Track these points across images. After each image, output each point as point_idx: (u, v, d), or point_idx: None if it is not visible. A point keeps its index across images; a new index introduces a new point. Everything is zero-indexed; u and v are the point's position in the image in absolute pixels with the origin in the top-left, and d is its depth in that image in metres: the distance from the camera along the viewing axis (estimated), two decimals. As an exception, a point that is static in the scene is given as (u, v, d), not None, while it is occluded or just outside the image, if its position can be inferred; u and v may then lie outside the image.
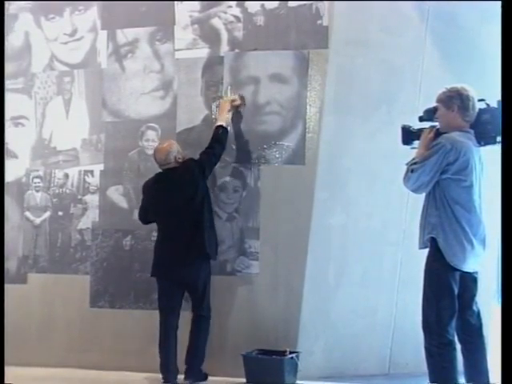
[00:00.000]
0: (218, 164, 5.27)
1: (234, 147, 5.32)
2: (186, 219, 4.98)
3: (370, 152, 5.20)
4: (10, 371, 5.20)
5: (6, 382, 4.39)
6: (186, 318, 5.12)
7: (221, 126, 5.16)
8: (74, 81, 5.80)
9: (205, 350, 5.05)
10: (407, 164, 4.08)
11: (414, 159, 4.07)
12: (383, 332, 5.35)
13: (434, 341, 3.96)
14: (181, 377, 5.03)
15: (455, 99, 4.01)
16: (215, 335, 5.16)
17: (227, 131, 5.19)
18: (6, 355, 5.38)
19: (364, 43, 5.19)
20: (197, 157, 5.20)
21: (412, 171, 4.00)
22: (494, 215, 4.19)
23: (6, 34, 5.92)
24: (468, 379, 4.03)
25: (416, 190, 4.07)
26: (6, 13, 5.91)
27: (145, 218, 5.25)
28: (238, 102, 5.26)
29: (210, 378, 5.11)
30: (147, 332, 5.44)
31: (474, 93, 4.02)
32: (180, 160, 5.10)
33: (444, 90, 4.06)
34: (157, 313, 5.38)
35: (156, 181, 5.16)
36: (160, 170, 5.20)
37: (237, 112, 5.28)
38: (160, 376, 5.02)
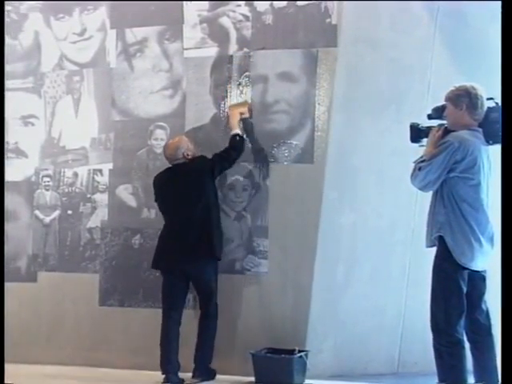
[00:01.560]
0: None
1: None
2: (193, 216, 5.00)
3: (379, 150, 5.20)
4: (18, 369, 5.24)
5: (13, 380, 4.41)
6: (189, 315, 5.14)
7: (237, 134, 5.16)
8: (84, 80, 5.81)
9: (212, 349, 5.06)
10: (415, 162, 4.08)
11: (422, 157, 4.07)
12: (392, 331, 5.34)
13: (443, 340, 3.95)
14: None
15: (464, 98, 4.00)
16: (224, 334, 5.17)
17: (244, 139, 5.18)
18: (15, 353, 5.43)
19: (373, 42, 5.18)
20: (207, 155, 5.22)
21: (419, 169, 3.99)
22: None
23: (16, 33, 5.95)
24: (477, 378, 4.02)
25: (423, 188, 4.06)
26: (16, 12, 5.96)
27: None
28: (246, 115, 5.24)
29: (219, 376, 5.12)
30: (156, 330, 5.44)
31: (482, 91, 4.01)
32: (189, 156, 5.12)
33: (453, 88, 4.05)
34: (165, 311, 5.41)
35: (165, 176, 5.20)
36: (170, 166, 5.23)
37: (245, 119, 5.27)
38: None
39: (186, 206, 5.03)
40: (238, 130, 5.18)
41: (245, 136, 5.22)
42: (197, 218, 5.00)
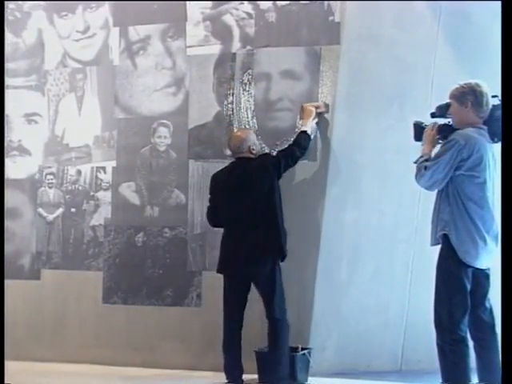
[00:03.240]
0: (230, 160, 5.28)
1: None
2: (261, 215, 4.75)
3: (382, 148, 5.20)
4: (22, 367, 5.26)
5: (16, 378, 4.42)
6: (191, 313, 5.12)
7: (305, 132, 5.01)
8: (87, 78, 5.82)
9: (284, 356, 4.77)
10: (415, 162, 4.09)
11: (421, 157, 4.08)
12: (395, 328, 5.35)
13: (447, 337, 3.95)
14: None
15: (469, 95, 4.00)
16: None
17: (310, 138, 5.03)
18: (19, 351, 5.45)
19: (376, 40, 5.18)
20: (208, 153, 5.23)
21: (425, 168, 3.99)
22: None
23: (19, 31, 5.96)
24: (480, 376, 4.02)
25: (430, 188, 4.05)
26: (20, 10, 5.96)
27: (214, 217, 4.99)
28: (322, 109, 5.10)
29: (223, 373, 5.10)
30: (159, 328, 5.47)
31: (487, 89, 4.01)
32: (254, 151, 4.91)
33: (457, 86, 4.05)
34: (169, 309, 5.44)
35: (230, 170, 4.94)
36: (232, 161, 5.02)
37: (321, 118, 5.13)
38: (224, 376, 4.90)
39: (254, 204, 4.77)
40: (307, 128, 5.02)
41: (318, 133, 5.09)
42: (264, 217, 4.75)
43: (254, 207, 4.79)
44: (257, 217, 4.78)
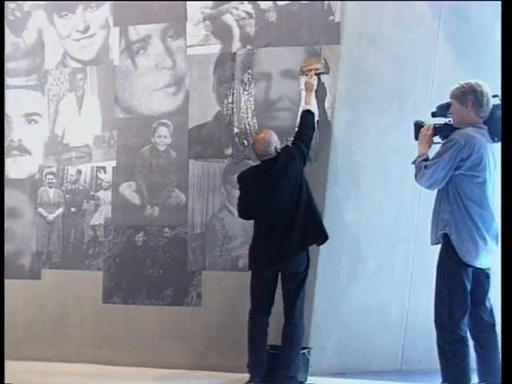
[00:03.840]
0: (230, 160, 5.29)
1: (246, 143, 5.34)
2: (301, 207, 4.80)
3: (383, 148, 5.20)
4: (22, 366, 5.26)
5: (17, 377, 4.42)
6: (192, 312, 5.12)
7: (308, 111, 5.01)
8: (87, 77, 5.82)
9: (298, 356, 4.80)
10: (413, 163, 4.09)
11: (419, 157, 4.09)
12: (395, 328, 5.35)
13: (447, 337, 3.96)
14: (187, 371, 4.95)
15: (469, 95, 4.00)
16: (228, 331, 5.18)
17: (314, 116, 5.03)
18: (19, 350, 5.45)
19: (376, 39, 5.19)
20: (208, 152, 5.25)
21: (425, 168, 4.00)
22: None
23: (20, 31, 5.96)
24: (481, 376, 4.03)
25: (430, 187, 4.06)
26: (20, 10, 5.96)
27: (246, 212, 5.01)
28: (321, 70, 5.12)
29: (223, 373, 5.12)
30: (160, 327, 5.47)
31: (488, 88, 4.02)
32: (279, 151, 4.90)
33: (458, 85, 4.06)
34: (169, 309, 5.43)
35: (258, 173, 4.94)
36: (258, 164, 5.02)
37: (320, 84, 5.14)
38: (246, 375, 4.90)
39: (294, 197, 4.81)
40: (311, 106, 5.02)
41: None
42: (304, 206, 4.80)
43: (293, 200, 4.81)
44: (299, 209, 4.81)
